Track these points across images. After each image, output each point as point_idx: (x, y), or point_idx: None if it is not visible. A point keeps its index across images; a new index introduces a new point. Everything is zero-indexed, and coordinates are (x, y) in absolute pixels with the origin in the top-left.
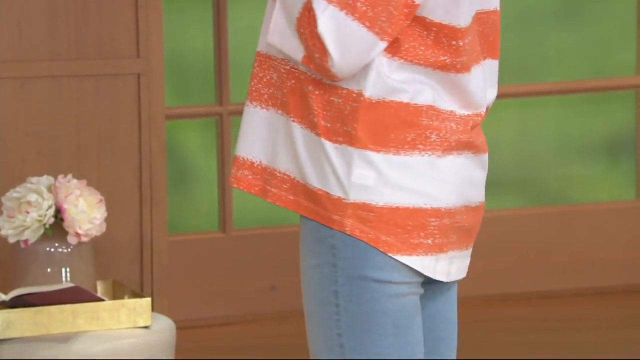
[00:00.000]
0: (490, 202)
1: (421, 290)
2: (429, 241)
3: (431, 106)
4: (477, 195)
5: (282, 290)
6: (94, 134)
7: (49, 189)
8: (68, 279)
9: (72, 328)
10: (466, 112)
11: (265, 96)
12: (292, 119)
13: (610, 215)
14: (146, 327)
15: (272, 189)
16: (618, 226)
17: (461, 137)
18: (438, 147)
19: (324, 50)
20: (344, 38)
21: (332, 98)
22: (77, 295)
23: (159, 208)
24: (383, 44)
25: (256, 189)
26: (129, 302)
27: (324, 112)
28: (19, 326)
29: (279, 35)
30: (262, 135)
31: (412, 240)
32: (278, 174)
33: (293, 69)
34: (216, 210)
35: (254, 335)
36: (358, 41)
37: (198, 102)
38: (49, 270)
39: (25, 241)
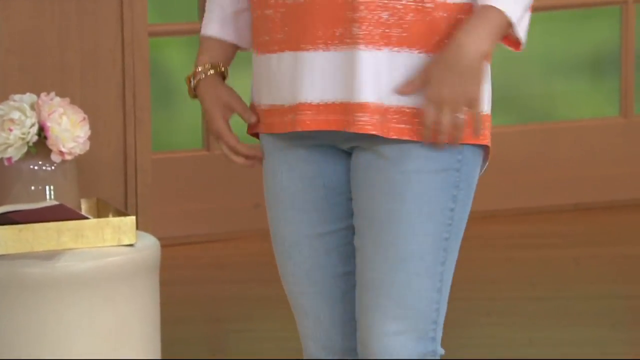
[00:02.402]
0: None
1: None
2: None
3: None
4: None
5: (266, 208)
6: (77, 52)
7: (32, 107)
8: (52, 197)
9: (56, 246)
10: None
11: (377, 37)
12: (419, 51)
13: (593, 132)
14: (131, 245)
15: (395, 125)
16: (601, 143)
17: None
18: None
19: None
20: None
21: (461, 16)
22: (61, 213)
23: (143, 126)
24: None
25: (371, 126)
26: (114, 220)
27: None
28: (3, 243)
29: None
30: (378, 76)
31: None
32: (406, 109)
33: (410, 3)
34: (200, 128)
35: (238, 252)
36: None
37: (181, 20)
38: (32, 188)
39: (9, 159)
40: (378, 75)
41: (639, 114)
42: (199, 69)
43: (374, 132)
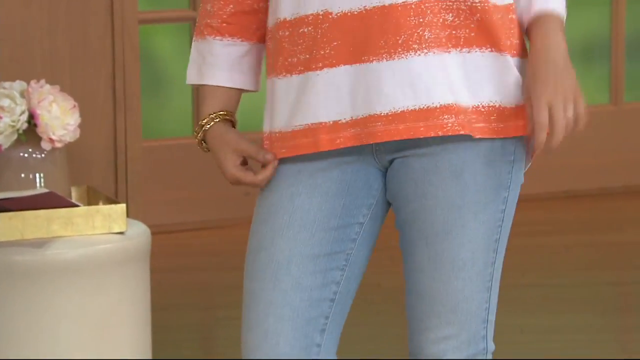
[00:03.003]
0: None
1: None
2: None
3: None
4: None
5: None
6: (67, 40)
7: (22, 94)
8: (42, 184)
9: (46, 233)
10: None
11: (444, 39)
12: (490, 50)
13: None
14: (121, 233)
15: (476, 125)
16: (591, 130)
17: None
18: None
19: None
20: None
21: (512, 16)
22: (51, 201)
23: (133, 114)
24: None
25: (459, 127)
26: (104, 208)
27: (517, 31)
28: None
29: None
30: (449, 77)
31: None
32: (482, 109)
33: (475, 3)
34: (190, 115)
35: (228, 240)
36: None
37: (171, 7)
38: (22, 175)
39: None
40: (450, 77)
41: (629, 102)
42: (204, 121)
43: (462, 133)
